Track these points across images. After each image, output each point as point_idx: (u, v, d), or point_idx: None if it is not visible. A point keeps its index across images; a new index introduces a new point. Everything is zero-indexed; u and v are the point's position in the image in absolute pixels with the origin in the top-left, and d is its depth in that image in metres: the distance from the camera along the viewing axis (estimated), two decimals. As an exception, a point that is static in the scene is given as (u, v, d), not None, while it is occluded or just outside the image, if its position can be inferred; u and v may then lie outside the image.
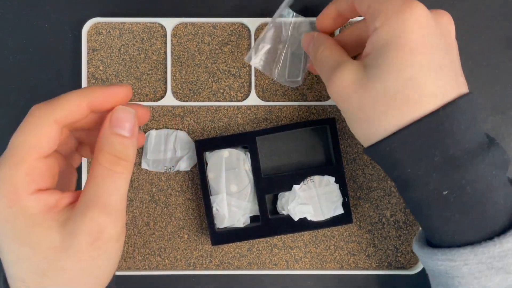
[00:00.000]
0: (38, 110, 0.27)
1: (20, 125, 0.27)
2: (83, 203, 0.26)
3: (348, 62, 0.30)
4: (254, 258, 0.41)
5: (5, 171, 0.26)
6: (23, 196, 0.26)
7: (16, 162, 0.26)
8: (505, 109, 0.41)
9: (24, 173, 0.26)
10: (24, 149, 0.26)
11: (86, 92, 0.28)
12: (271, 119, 0.41)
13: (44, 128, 0.26)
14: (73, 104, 0.27)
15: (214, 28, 0.41)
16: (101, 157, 0.27)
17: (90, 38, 0.41)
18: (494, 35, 0.42)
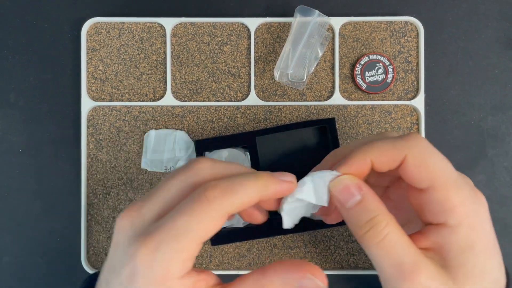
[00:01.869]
0: (214, 200, 0.25)
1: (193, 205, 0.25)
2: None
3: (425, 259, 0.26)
4: (254, 258, 0.41)
5: (164, 253, 0.25)
6: (172, 280, 0.25)
7: (179, 249, 0.25)
8: (505, 109, 0.41)
9: (182, 260, 0.25)
10: (190, 238, 0.25)
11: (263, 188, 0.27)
12: (270, 119, 0.41)
13: (216, 222, 0.25)
14: (248, 200, 0.26)
15: (214, 28, 0.41)
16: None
17: (90, 38, 0.41)
18: (494, 35, 0.42)
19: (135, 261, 0.25)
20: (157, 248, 0.25)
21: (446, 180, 0.26)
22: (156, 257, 0.25)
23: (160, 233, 0.25)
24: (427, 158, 0.26)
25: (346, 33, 0.41)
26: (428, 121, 0.41)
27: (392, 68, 0.40)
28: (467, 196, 0.26)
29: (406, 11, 0.41)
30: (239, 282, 0.26)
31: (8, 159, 0.41)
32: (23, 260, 0.41)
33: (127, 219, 0.27)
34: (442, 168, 0.26)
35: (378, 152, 0.27)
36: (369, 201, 0.27)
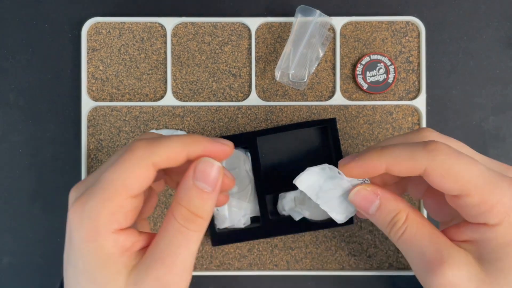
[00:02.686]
0: (138, 149, 0.25)
1: (117, 159, 0.25)
2: (150, 257, 0.25)
3: (456, 253, 0.26)
4: (255, 259, 0.40)
5: (91, 205, 0.25)
6: (103, 234, 0.25)
7: (105, 198, 0.25)
8: (505, 109, 0.41)
9: (110, 211, 0.25)
10: (116, 187, 0.25)
11: (188, 142, 0.26)
12: (271, 119, 0.40)
13: (141, 170, 0.25)
14: (173, 151, 0.26)
15: (215, 28, 0.41)
16: (176, 211, 0.26)
17: (90, 38, 0.41)
18: (494, 35, 0.41)
19: (69, 218, 0.25)
20: (86, 201, 0.25)
21: (478, 184, 0.25)
22: (84, 209, 0.25)
23: (90, 188, 0.25)
24: (451, 167, 0.26)
25: (347, 33, 0.41)
26: (429, 121, 0.41)
27: (393, 68, 0.40)
28: (505, 193, 0.25)
29: (407, 11, 0.41)
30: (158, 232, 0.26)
31: (8, 159, 0.41)
32: (23, 260, 0.41)
33: (74, 189, 0.27)
34: (470, 173, 0.25)
35: (392, 160, 0.27)
36: (387, 203, 0.28)
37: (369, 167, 0.28)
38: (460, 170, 0.25)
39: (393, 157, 0.27)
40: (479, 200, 0.25)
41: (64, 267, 0.26)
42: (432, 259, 0.26)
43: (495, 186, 0.25)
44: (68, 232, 0.26)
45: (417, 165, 0.26)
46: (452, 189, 0.26)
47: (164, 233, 0.26)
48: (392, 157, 0.27)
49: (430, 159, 0.26)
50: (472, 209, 0.26)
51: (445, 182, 0.26)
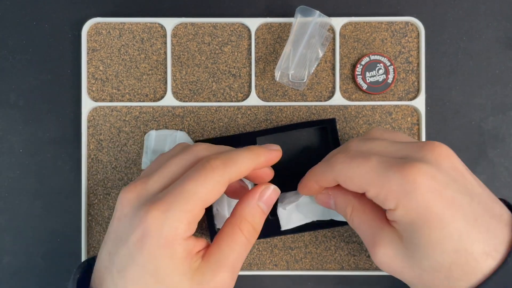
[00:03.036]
0: (217, 168, 0.29)
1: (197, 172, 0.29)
2: (216, 260, 0.29)
3: (383, 233, 0.30)
4: (254, 259, 0.41)
5: (175, 214, 0.27)
6: (179, 241, 0.28)
7: (188, 210, 0.28)
8: (505, 109, 0.41)
9: (189, 221, 0.28)
10: (198, 199, 0.28)
11: (256, 157, 0.31)
12: (271, 120, 0.40)
13: (219, 186, 0.29)
14: (246, 167, 0.30)
15: (214, 28, 0.41)
16: (242, 224, 0.30)
17: (90, 38, 0.41)
18: (494, 35, 0.42)
19: (146, 222, 0.27)
20: (168, 209, 0.27)
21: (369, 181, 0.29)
22: (167, 217, 0.27)
23: (170, 196, 0.28)
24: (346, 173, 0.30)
25: (347, 33, 0.41)
26: (429, 121, 0.41)
27: (392, 69, 0.40)
28: (392, 182, 0.28)
29: (407, 11, 0.41)
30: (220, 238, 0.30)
31: (8, 159, 0.41)
32: (23, 260, 0.41)
33: (133, 192, 0.29)
34: (360, 174, 0.29)
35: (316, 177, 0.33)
36: (338, 200, 0.33)
37: (309, 187, 0.34)
38: (353, 173, 0.29)
39: (316, 175, 0.33)
40: (375, 193, 0.29)
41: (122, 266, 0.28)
42: (370, 242, 0.30)
43: (383, 178, 0.28)
44: (140, 235, 0.28)
45: (329, 179, 0.31)
46: (356, 189, 0.30)
47: (229, 241, 0.30)
48: (315, 175, 0.33)
49: (332, 171, 0.31)
50: (375, 200, 0.29)
51: (348, 186, 0.30)
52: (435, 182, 0.27)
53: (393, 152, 0.30)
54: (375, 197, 0.29)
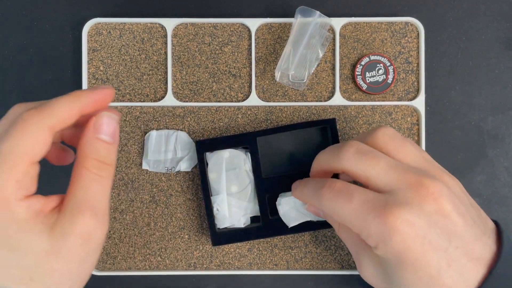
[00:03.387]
0: (31, 116, 0.27)
1: (10, 129, 0.26)
2: (71, 207, 0.27)
3: (365, 254, 0.32)
4: (255, 258, 0.41)
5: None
6: (13, 203, 0.26)
7: (8, 168, 0.26)
8: (505, 109, 0.41)
9: (15, 180, 0.26)
10: (17, 155, 0.26)
11: (76, 98, 0.28)
12: (271, 120, 0.41)
13: (38, 135, 0.26)
14: (65, 111, 0.27)
15: (215, 29, 0.41)
16: (86, 162, 0.28)
17: (91, 38, 0.41)
18: (494, 35, 0.42)
19: None
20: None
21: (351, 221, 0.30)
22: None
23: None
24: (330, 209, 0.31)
25: (347, 33, 0.41)
26: (429, 121, 0.41)
27: (392, 69, 0.40)
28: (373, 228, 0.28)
29: (406, 11, 0.41)
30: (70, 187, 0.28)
31: (9, 160, 0.41)
32: (24, 260, 0.41)
33: None
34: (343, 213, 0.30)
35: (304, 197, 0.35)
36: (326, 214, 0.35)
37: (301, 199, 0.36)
38: (336, 212, 0.30)
39: (304, 195, 0.34)
40: (357, 231, 0.30)
41: None
42: (355, 258, 0.33)
43: (363, 223, 0.29)
44: None
45: (317, 207, 0.34)
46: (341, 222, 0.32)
47: (79, 183, 0.27)
48: (303, 195, 0.34)
49: (320, 204, 0.32)
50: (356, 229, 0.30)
51: (333, 219, 0.33)
52: (413, 230, 0.28)
53: (383, 184, 0.30)
54: (357, 233, 0.30)
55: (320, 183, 0.32)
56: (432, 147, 0.41)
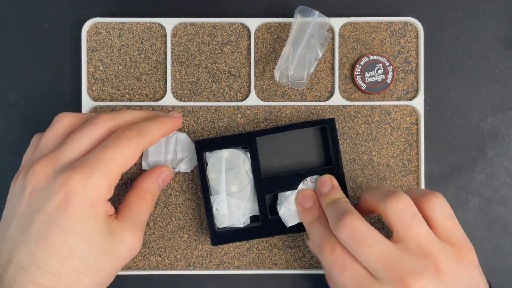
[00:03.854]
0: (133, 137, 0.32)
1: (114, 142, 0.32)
2: (131, 221, 0.33)
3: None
4: (254, 258, 0.41)
5: (98, 177, 0.30)
6: (100, 203, 0.31)
7: (109, 173, 0.31)
8: (504, 109, 0.41)
9: (109, 184, 0.31)
10: (118, 165, 0.31)
11: (164, 125, 0.35)
12: (270, 119, 0.41)
13: (134, 154, 0.32)
14: (156, 137, 0.34)
15: (214, 28, 0.41)
16: (146, 194, 0.36)
17: (90, 38, 0.41)
18: (493, 35, 0.42)
19: (69, 185, 0.29)
20: (91, 173, 0.30)
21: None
22: (90, 180, 0.30)
23: (91, 161, 0.31)
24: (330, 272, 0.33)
25: (346, 33, 0.41)
26: (428, 121, 0.41)
27: (391, 69, 0.40)
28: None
29: (406, 11, 0.41)
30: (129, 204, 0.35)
31: (8, 159, 0.41)
32: (23, 260, 0.41)
33: (46, 166, 0.31)
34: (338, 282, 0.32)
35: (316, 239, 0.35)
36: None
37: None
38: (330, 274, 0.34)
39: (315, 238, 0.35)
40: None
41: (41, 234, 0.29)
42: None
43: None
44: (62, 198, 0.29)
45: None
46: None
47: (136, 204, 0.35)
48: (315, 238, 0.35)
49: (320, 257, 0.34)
50: None
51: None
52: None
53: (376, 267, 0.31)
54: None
55: (323, 236, 0.34)
56: (432, 147, 0.41)
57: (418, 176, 0.40)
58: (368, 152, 0.41)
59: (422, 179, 0.40)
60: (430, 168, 0.41)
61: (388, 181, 0.40)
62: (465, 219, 0.41)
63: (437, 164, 0.41)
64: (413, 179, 0.40)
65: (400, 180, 0.40)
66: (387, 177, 0.40)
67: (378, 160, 0.40)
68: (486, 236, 0.41)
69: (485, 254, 0.41)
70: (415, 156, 0.40)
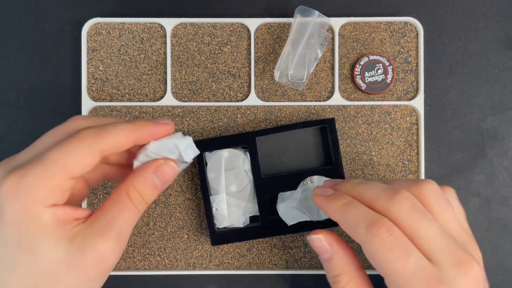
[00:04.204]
0: (86, 136, 0.27)
1: (65, 141, 0.27)
2: (100, 224, 0.27)
3: None
4: (254, 258, 0.41)
5: (31, 179, 0.26)
6: (40, 208, 0.26)
7: (46, 176, 0.26)
8: (504, 109, 0.41)
9: (49, 188, 0.26)
10: (60, 167, 0.26)
11: (135, 128, 0.29)
12: (270, 119, 0.41)
13: (87, 156, 0.27)
14: (121, 139, 0.28)
15: (214, 29, 0.41)
16: (130, 191, 0.29)
17: (90, 38, 0.41)
18: (493, 35, 0.42)
19: (1, 190, 0.26)
20: (24, 175, 0.26)
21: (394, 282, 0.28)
22: (22, 183, 0.26)
23: (30, 164, 0.26)
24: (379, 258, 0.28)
25: (346, 33, 0.41)
26: (428, 121, 0.41)
27: (391, 69, 0.40)
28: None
29: (405, 11, 0.41)
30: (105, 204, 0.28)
31: (8, 159, 0.41)
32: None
33: (1, 165, 0.28)
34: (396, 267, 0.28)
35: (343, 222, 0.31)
36: (336, 261, 0.31)
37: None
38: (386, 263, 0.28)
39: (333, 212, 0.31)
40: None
41: None
42: None
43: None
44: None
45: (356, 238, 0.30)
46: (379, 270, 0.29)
47: (115, 206, 0.28)
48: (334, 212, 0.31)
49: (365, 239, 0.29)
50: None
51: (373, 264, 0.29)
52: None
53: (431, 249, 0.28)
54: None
55: (371, 216, 0.29)
56: (431, 147, 0.41)
57: (418, 176, 0.40)
58: (368, 152, 0.41)
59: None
60: (430, 168, 0.41)
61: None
62: (465, 219, 0.41)
63: (436, 164, 0.41)
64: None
65: (400, 180, 0.40)
66: (387, 177, 0.40)
67: (378, 160, 0.40)
68: (485, 236, 0.41)
69: (485, 254, 0.41)
70: (415, 156, 0.40)
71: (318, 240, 0.32)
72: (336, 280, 0.31)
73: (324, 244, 0.32)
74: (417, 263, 0.27)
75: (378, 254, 0.28)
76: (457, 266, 0.27)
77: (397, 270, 0.27)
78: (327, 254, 0.32)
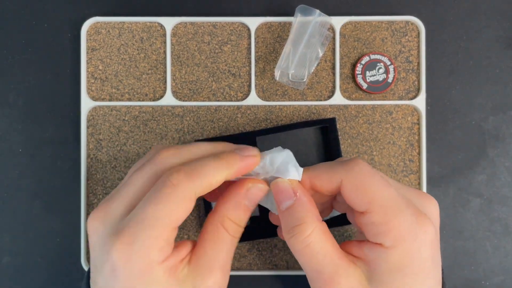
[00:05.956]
0: (180, 183, 0.26)
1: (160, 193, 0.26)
2: (204, 264, 0.28)
3: (350, 273, 0.27)
4: (254, 259, 0.40)
5: (142, 244, 0.26)
6: (154, 266, 0.26)
7: (154, 236, 0.26)
8: (505, 109, 0.41)
9: (159, 247, 0.26)
10: (163, 223, 0.26)
11: (226, 167, 0.28)
12: (271, 119, 0.40)
13: (185, 204, 0.27)
14: (214, 179, 0.27)
15: (214, 28, 0.41)
16: (226, 222, 0.29)
17: (89, 37, 0.41)
18: (494, 35, 0.41)
19: (112, 258, 0.26)
20: (133, 242, 0.26)
21: (383, 204, 0.27)
22: (133, 249, 0.26)
23: (132, 225, 0.26)
24: (364, 182, 0.28)
25: (347, 32, 0.41)
26: (429, 121, 0.41)
27: (393, 68, 0.40)
28: (407, 219, 0.27)
29: (407, 10, 0.41)
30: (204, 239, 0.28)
31: (7, 159, 0.41)
32: (23, 260, 0.41)
33: (97, 220, 0.28)
34: (379, 192, 0.27)
35: (314, 174, 0.29)
36: (299, 207, 0.29)
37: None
38: (371, 187, 0.27)
39: (315, 172, 0.29)
40: (381, 219, 0.27)
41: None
42: (328, 280, 0.28)
43: (399, 211, 0.27)
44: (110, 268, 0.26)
45: (334, 177, 0.28)
46: (360, 203, 0.27)
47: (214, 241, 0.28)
48: (314, 172, 0.29)
49: (347, 172, 0.28)
50: (372, 227, 0.27)
51: (356, 196, 0.28)
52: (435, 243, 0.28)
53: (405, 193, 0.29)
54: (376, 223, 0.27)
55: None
56: (433, 146, 0.41)
57: (420, 176, 0.40)
58: (369, 152, 0.40)
59: (423, 179, 0.40)
60: (431, 168, 0.41)
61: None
62: (466, 219, 0.41)
63: (438, 164, 0.41)
64: (415, 179, 0.40)
65: (401, 180, 0.40)
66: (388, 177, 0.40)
67: (379, 160, 0.40)
68: (487, 237, 0.41)
69: (486, 255, 0.41)
70: (417, 156, 0.40)
71: (283, 183, 0.29)
72: (297, 231, 0.28)
73: (289, 188, 0.29)
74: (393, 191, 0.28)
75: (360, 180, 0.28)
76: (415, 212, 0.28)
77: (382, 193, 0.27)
78: (289, 201, 0.29)
